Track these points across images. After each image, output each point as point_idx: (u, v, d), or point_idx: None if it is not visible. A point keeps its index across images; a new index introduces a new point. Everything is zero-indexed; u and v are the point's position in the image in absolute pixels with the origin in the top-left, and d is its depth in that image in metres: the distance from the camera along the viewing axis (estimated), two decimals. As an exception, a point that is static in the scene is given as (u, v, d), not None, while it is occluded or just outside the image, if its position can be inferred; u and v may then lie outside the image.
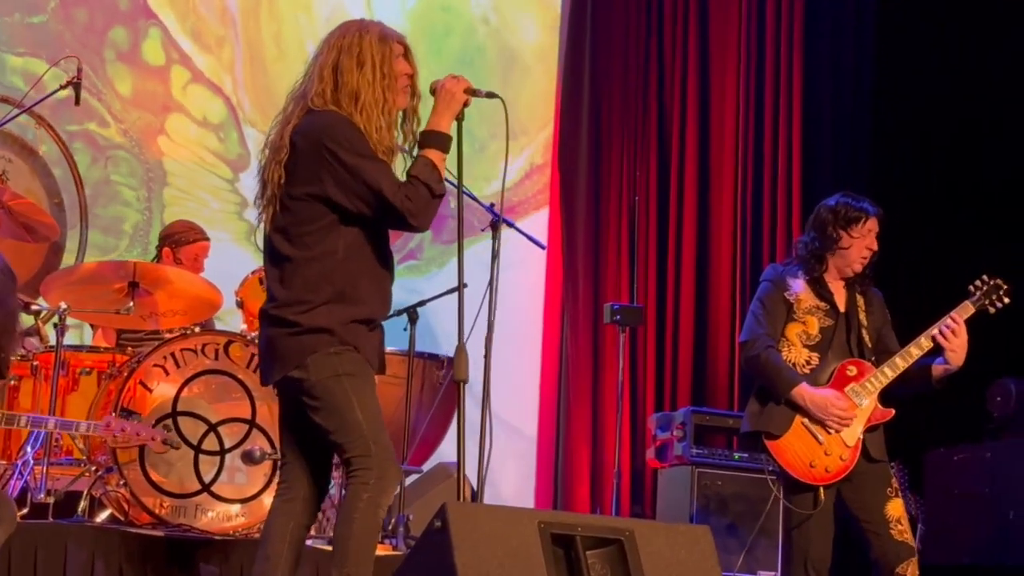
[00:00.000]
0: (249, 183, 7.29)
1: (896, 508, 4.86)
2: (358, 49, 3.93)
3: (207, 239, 6.38)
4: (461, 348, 3.88)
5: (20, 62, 7.09)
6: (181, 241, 6.27)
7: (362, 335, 3.89)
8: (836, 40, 8.11)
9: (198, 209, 7.47)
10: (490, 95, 4.00)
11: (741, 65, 8.22)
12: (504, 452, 6.91)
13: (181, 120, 7.66)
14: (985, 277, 4.99)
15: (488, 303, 3.94)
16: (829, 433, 4.83)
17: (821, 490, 4.83)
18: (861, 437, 4.86)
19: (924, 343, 4.88)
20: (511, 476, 7.77)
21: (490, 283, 3.95)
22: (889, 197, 5.17)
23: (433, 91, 3.99)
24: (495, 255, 4.75)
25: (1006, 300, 4.97)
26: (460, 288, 3.88)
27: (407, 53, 3.98)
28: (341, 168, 3.87)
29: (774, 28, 8.14)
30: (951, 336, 4.84)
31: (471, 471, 4.80)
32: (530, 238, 6.03)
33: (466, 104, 3.94)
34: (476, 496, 3.95)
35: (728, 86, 8.25)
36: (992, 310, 4.96)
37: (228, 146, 7.74)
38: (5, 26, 7.18)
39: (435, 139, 3.89)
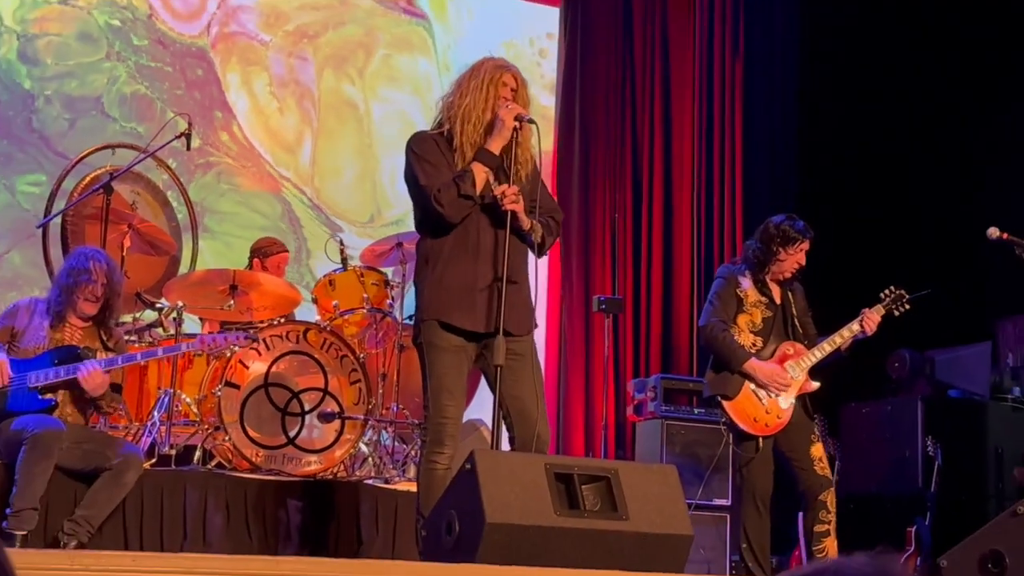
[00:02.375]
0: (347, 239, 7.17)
1: (818, 450, 4.86)
2: (479, 66, 3.93)
3: (287, 251, 6.38)
4: (501, 340, 3.81)
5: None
6: (267, 253, 6.27)
7: (448, 305, 3.80)
8: (768, 97, 8.11)
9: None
10: (530, 121, 3.93)
11: (695, 114, 8.22)
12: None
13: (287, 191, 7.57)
14: (892, 288, 5.01)
15: (501, 298, 3.87)
16: (771, 397, 4.83)
17: (761, 439, 4.83)
18: (793, 401, 4.85)
19: (846, 334, 4.89)
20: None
21: (501, 280, 3.88)
22: (810, 213, 5.15)
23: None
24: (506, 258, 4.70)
25: (907, 307, 5.01)
26: (502, 285, 3.83)
27: (517, 89, 3.92)
28: (407, 167, 3.90)
29: (720, 88, 8.15)
30: (869, 331, 4.88)
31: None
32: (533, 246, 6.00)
33: (517, 129, 3.86)
34: (496, 445, 3.91)
35: (685, 132, 8.27)
36: (896, 313, 5.01)
37: (322, 221, 7.59)
38: (164, 91, 7.18)
39: (481, 155, 3.84)
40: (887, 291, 5.00)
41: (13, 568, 0.92)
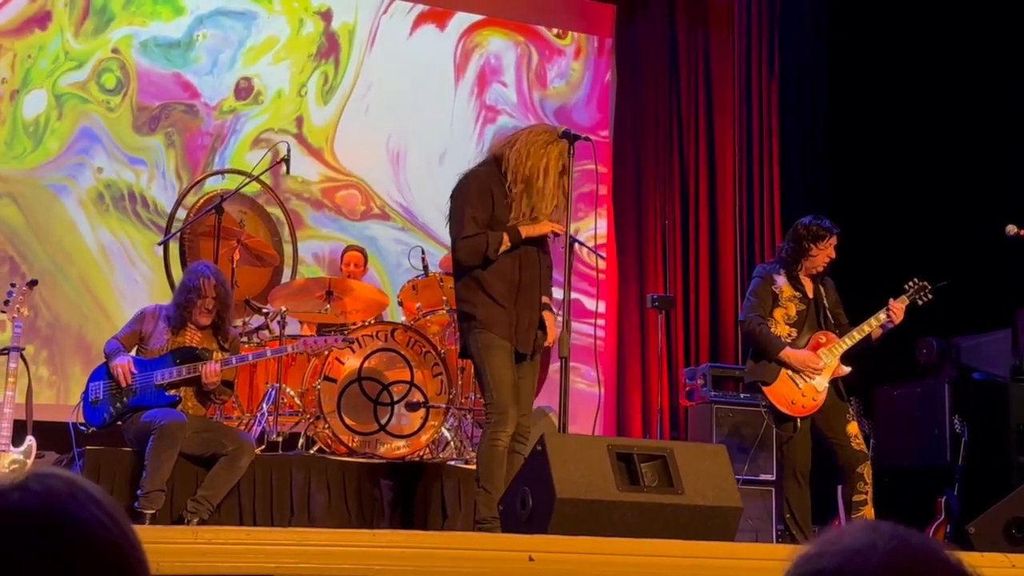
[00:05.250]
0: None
1: (853, 428, 4.81)
2: (538, 135, 4.03)
3: (356, 250, 6.44)
4: (567, 333, 3.88)
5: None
6: (343, 255, 6.41)
7: (496, 322, 3.92)
8: (801, 113, 8.03)
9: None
10: (586, 139, 4.06)
11: (736, 129, 8.17)
12: (580, 400, 6.89)
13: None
14: (916, 279, 4.93)
15: (565, 301, 3.91)
16: (805, 381, 4.78)
17: (798, 420, 4.79)
18: (827, 385, 4.80)
19: (874, 323, 4.83)
20: (585, 415, 7.74)
21: (567, 285, 3.92)
22: (841, 216, 5.11)
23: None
24: (570, 267, 4.71)
25: (929, 297, 4.93)
26: (567, 287, 3.87)
27: (567, 164, 4.03)
28: (455, 206, 4.01)
29: (758, 106, 8.09)
30: (896, 320, 4.81)
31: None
32: (594, 252, 6.00)
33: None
34: (564, 429, 3.92)
35: (727, 145, 8.21)
36: (920, 303, 4.92)
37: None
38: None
39: (514, 233, 3.94)
40: (911, 283, 4.93)
41: (139, 540, 0.95)
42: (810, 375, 4.76)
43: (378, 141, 7.55)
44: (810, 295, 4.91)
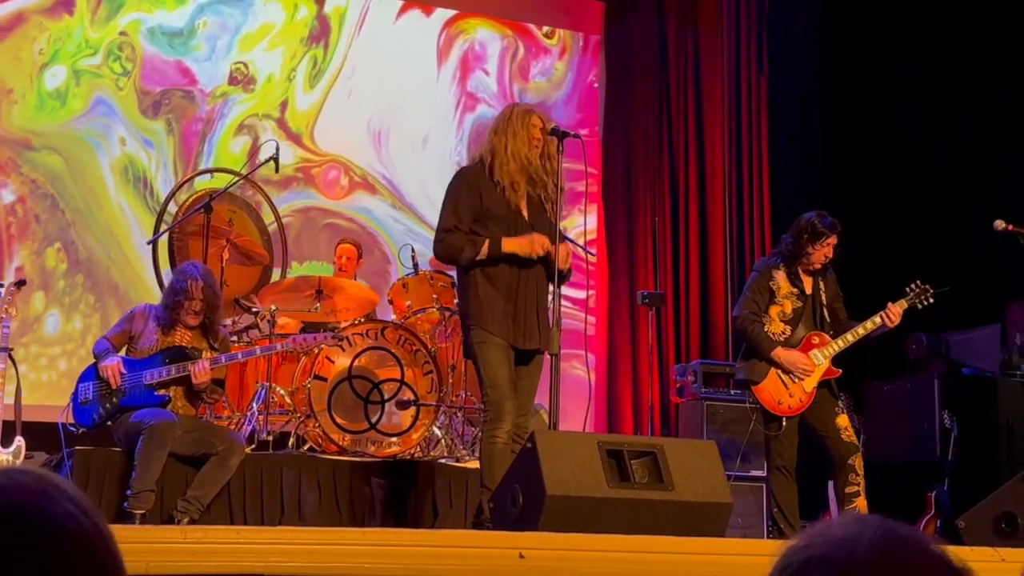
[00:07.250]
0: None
1: (843, 420, 4.81)
2: (509, 113, 4.11)
3: (347, 244, 6.40)
4: (557, 330, 3.89)
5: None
6: (335, 248, 6.41)
7: (491, 319, 3.94)
8: (790, 109, 8.04)
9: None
10: (575, 136, 4.13)
11: (725, 126, 8.17)
12: (571, 396, 6.89)
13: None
14: (918, 282, 4.87)
15: (555, 298, 3.92)
16: (794, 382, 4.78)
17: (784, 420, 4.79)
18: (816, 386, 4.79)
19: (869, 326, 4.79)
20: (576, 412, 7.74)
21: (558, 281, 3.93)
22: (831, 211, 5.09)
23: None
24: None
25: (931, 301, 4.87)
26: (558, 283, 3.88)
27: (544, 127, 4.07)
28: (447, 198, 4.03)
29: (747, 102, 8.10)
30: (891, 324, 4.78)
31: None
32: (584, 249, 5.99)
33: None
34: (554, 425, 3.92)
35: (717, 142, 8.21)
36: (920, 306, 4.86)
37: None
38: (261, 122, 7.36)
39: (495, 247, 3.96)
40: (912, 285, 4.87)
41: (112, 534, 0.95)
42: (800, 375, 4.76)
43: (359, 124, 7.59)
44: (808, 291, 4.89)
